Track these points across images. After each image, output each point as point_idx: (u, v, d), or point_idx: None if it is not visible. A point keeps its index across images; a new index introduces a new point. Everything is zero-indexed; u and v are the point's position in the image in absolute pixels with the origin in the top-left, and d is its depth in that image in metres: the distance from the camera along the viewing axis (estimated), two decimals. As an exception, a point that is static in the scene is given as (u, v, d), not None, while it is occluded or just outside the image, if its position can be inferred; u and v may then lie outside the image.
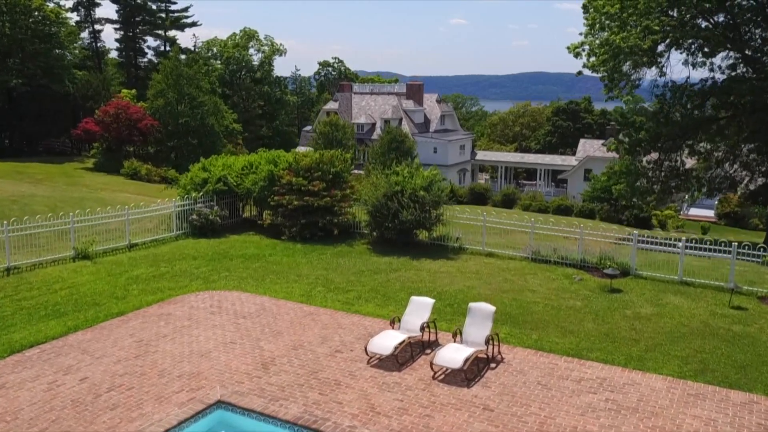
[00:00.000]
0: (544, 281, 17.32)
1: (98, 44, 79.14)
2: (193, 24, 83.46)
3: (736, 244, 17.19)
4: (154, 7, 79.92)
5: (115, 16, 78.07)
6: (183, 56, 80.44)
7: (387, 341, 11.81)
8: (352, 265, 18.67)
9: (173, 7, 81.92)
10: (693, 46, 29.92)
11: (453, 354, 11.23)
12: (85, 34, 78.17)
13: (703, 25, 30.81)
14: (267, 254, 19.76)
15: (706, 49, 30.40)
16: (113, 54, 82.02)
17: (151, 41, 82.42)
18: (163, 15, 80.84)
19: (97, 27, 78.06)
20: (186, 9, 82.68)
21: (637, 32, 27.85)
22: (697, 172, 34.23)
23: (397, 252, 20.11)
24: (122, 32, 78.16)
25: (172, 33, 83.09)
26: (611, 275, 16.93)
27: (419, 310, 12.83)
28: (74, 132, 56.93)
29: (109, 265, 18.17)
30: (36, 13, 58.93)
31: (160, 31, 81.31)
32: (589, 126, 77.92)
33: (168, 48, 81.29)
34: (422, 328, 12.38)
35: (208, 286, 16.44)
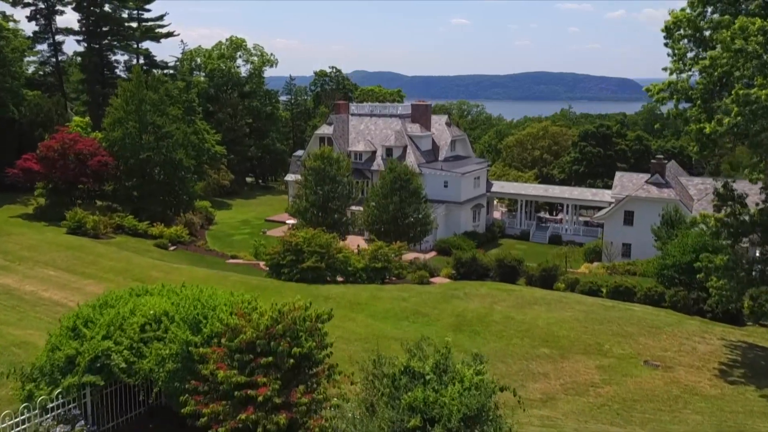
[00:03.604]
0: None
1: (60, 58, 69.26)
2: (169, 34, 73.36)
3: None
4: (124, 15, 69.94)
5: (77, 27, 67.92)
6: (158, 71, 70.74)
7: None
8: None
9: (146, 15, 71.89)
10: None
11: None
12: (44, 47, 68.38)
13: None
14: None
15: None
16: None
17: (121, 55, 72.40)
18: (135, 25, 70.81)
19: (59, 38, 68.21)
20: (161, 17, 72.58)
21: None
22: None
23: None
24: (86, 44, 68.12)
25: (146, 45, 73.12)
26: None
27: None
28: (10, 171, 46.94)
29: None
30: (-28, 26, 49.25)
31: (131, 43, 71.29)
32: (622, 153, 67.69)
33: (141, 61, 71.46)
34: None
35: None
